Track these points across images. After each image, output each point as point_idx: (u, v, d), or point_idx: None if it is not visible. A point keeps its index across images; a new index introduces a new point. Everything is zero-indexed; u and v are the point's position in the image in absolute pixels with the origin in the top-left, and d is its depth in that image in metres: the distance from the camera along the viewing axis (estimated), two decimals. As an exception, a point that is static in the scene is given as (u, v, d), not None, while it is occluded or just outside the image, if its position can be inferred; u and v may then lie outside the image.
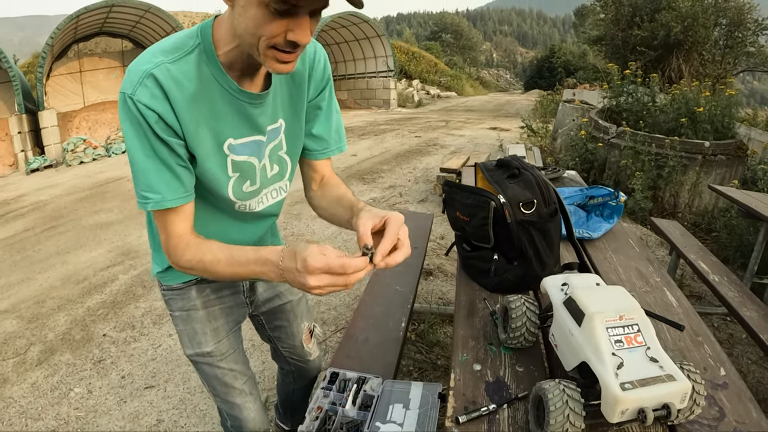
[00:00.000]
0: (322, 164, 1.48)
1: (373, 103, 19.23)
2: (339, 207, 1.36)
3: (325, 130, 1.44)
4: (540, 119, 11.35)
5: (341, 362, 1.89)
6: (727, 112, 5.94)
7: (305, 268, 1.00)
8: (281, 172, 1.42)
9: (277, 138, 1.33)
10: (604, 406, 1.03)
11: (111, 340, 3.41)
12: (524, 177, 1.68)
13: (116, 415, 2.68)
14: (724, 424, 1.22)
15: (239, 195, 1.32)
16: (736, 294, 2.66)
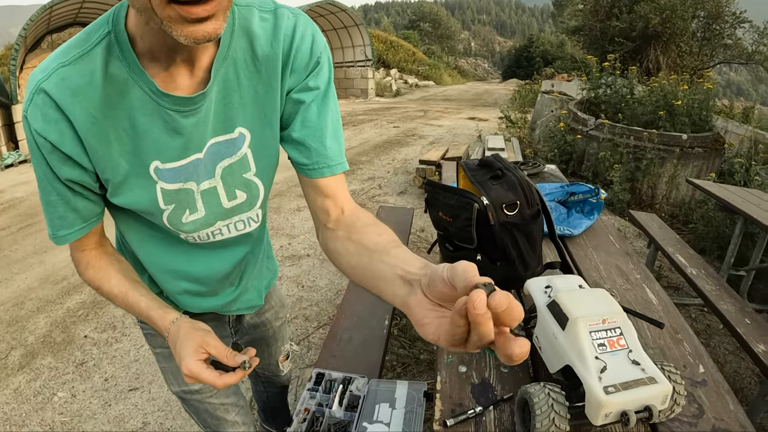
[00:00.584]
0: (331, 186, 1.02)
1: (351, 92, 19.14)
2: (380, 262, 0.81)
3: (316, 134, 1.01)
4: (518, 109, 11.40)
5: (326, 362, 1.90)
6: (705, 105, 6.02)
7: (180, 362, 0.98)
8: (249, 200, 1.09)
9: (236, 154, 1.00)
10: (588, 409, 1.05)
11: (92, 342, 3.37)
12: (507, 178, 1.69)
13: (101, 419, 2.65)
14: (704, 421, 1.25)
15: (180, 227, 1.05)
16: (713, 287, 2.71)
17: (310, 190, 1.04)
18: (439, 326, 0.61)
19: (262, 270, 1.44)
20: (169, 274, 1.22)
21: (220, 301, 1.33)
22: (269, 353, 1.77)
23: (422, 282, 0.66)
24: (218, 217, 1.08)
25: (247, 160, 1.02)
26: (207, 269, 1.21)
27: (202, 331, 1.03)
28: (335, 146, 1.03)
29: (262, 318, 1.64)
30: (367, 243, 0.88)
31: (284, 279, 4.03)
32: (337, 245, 0.97)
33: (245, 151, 1.01)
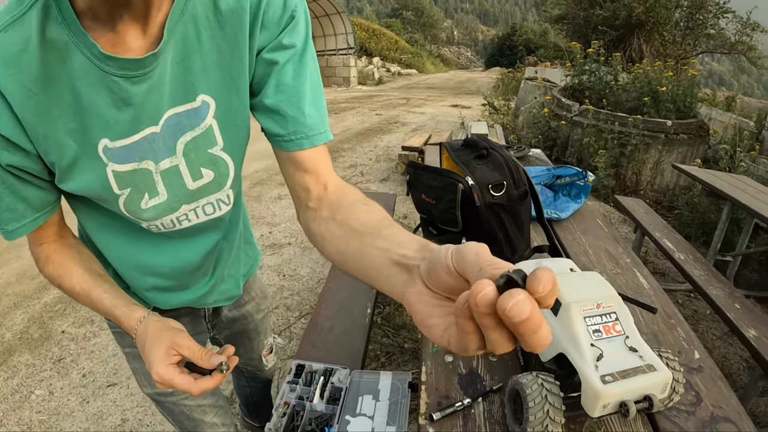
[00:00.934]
0: (311, 159, 0.89)
1: (333, 81, 19.00)
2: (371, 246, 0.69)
3: (292, 99, 0.87)
4: (501, 97, 11.36)
5: (306, 353, 1.82)
6: (689, 92, 6.04)
7: (150, 369, 0.90)
8: (218, 180, 0.96)
9: (200, 126, 0.87)
10: (585, 400, 0.98)
11: (70, 337, 3.26)
12: (493, 158, 1.61)
13: (79, 417, 2.57)
14: (702, 409, 1.20)
15: (140, 214, 0.91)
16: (702, 272, 2.68)
17: (288, 165, 0.91)
18: (448, 328, 0.49)
19: (239, 257, 1.33)
20: (134, 270, 1.11)
21: (193, 294, 1.22)
22: (251, 347, 1.68)
23: (421, 269, 0.55)
24: (183, 201, 0.94)
25: (213, 133, 0.89)
26: (175, 261, 1.10)
27: (172, 331, 0.93)
28: (315, 113, 0.89)
29: (242, 310, 1.54)
30: (354, 224, 0.76)
31: (265, 268, 3.95)
32: (320, 228, 0.83)
33: (210, 123, 0.87)
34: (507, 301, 0.37)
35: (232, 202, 1.05)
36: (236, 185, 1.03)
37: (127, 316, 0.95)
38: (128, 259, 1.08)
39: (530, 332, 0.38)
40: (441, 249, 0.52)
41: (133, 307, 0.97)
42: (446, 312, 0.51)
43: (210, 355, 0.91)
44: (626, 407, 0.95)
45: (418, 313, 0.53)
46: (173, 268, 1.11)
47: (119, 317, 0.96)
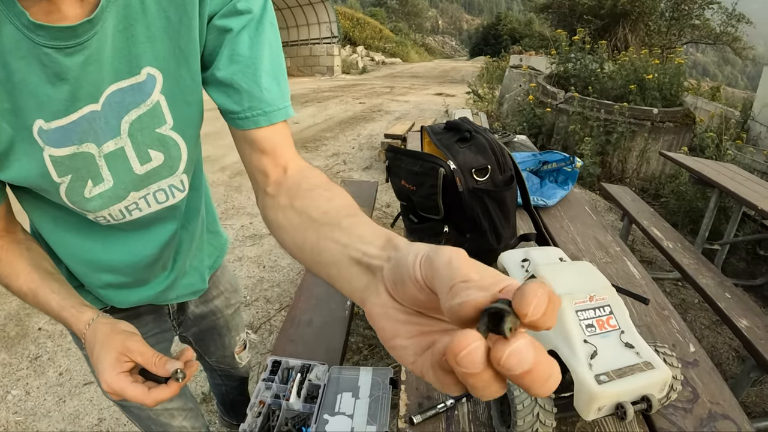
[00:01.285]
0: (269, 138, 0.80)
1: (316, 70, 18.86)
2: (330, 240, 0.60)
3: (247, 71, 0.77)
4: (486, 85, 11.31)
5: (283, 348, 1.74)
6: (675, 80, 6.02)
7: (99, 377, 0.81)
8: (169, 163, 0.86)
9: (146, 103, 0.77)
10: (578, 402, 0.89)
11: (47, 334, 3.16)
12: (476, 140, 1.52)
13: (56, 417, 2.49)
14: (699, 406, 1.13)
15: (84, 205, 0.82)
16: (691, 261, 2.62)
17: (244, 145, 0.81)
18: (421, 353, 0.39)
19: (202, 247, 1.23)
20: (86, 266, 1.00)
21: (152, 290, 1.12)
22: (223, 345, 1.58)
23: (384, 274, 0.45)
24: (131, 187, 0.84)
25: (161, 110, 0.79)
26: (129, 256, 1.00)
27: (123, 335, 0.84)
28: (274, 87, 0.79)
29: (210, 306, 1.43)
30: (314, 212, 0.66)
31: (245, 260, 3.85)
32: (278, 216, 0.74)
33: (157, 99, 0.78)
34: (501, 350, 0.29)
35: (186, 188, 0.94)
36: (191, 169, 0.93)
37: (76, 318, 0.86)
38: (78, 255, 0.98)
39: (538, 384, 0.30)
40: (409, 252, 0.42)
41: (83, 308, 0.88)
42: (418, 332, 0.41)
43: (165, 361, 0.82)
44: (623, 409, 0.86)
45: (383, 330, 0.43)
46: (127, 263, 1.01)
47: (67, 320, 0.86)
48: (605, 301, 1.01)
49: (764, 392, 2.70)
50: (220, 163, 5.89)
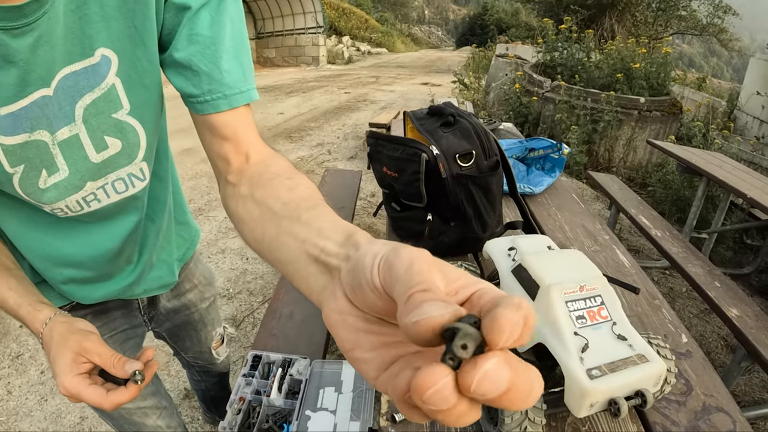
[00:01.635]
0: (230, 124, 0.75)
1: (302, 60, 18.72)
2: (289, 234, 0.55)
3: (207, 52, 0.72)
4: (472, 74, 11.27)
5: (264, 342, 1.69)
6: (663, 69, 6.01)
7: (56, 378, 0.77)
8: (127, 150, 0.81)
9: (100, 86, 0.72)
10: (569, 398, 0.85)
11: (27, 332, 3.09)
12: (461, 125, 1.46)
13: (38, 416, 2.44)
14: (693, 399, 1.09)
15: (39, 196, 0.77)
16: (680, 249, 2.60)
17: (204, 130, 0.76)
18: (384, 368, 0.35)
19: (170, 239, 1.18)
20: (46, 261, 0.94)
21: (118, 285, 1.06)
22: (199, 340, 1.53)
23: (342, 276, 0.41)
24: (87, 177, 0.79)
25: (116, 94, 0.74)
26: (91, 249, 0.94)
27: (80, 334, 0.79)
28: (236, 69, 0.74)
29: (183, 300, 1.38)
30: (274, 204, 0.61)
31: (228, 252, 3.79)
32: (238, 207, 0.69)
33: (112, 81, 0.72)
34: (470, 376, 0.25)
35: (147, 177, 0.88)
36: (151, 157, 0.87)
37: (32, 317, 0.82)
38: (38, 249, 0.92)
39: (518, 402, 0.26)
40: (367, 253, 0.37)
41: (40, 306, 0.83)
42: (380, 343, 0.36)
43: (123, 362, 0.78)
44: (617, 405, 0.82)
45: (342, 341, 0.38)
46: (89, 256, 0.95)
47: (24, 318, 0.82)
48: (596, 291, 0.96)
49: (753, 381, 2.69)
50: (203, 155, 5.73)
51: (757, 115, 6.38)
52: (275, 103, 9.50)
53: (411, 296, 0.30)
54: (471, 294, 0.31)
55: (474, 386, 0.25)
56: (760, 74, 6.46)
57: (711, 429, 1.02)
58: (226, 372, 1.82)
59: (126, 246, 0.98)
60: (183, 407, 2.41)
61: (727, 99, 6.89)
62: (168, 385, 2.51)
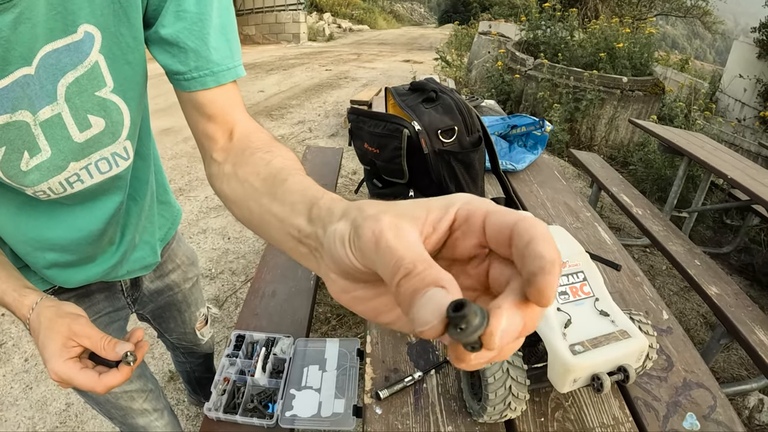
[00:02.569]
0: (217, 101, 0.73)
1: (282, 37, 18.47)
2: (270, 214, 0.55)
3: (194, 28, 0.70)
4: (455, 51, 11.21)
5: (247, 322, 1.69)
6: (646, 49, 6.03)
7: (46, 364, 0.75)
8: (111, 129, 0.78)
9: (83, 64, 0.69)
10: (552, 374, 0.85)
11: (10, 320, 3.03)
12: (443, 101, 1.45)
13: (23, 405, 2.40)
14: (674, 374, 1.10)
15: (22, 179, 0.74)
16: (661, 227, 2.62)
17: (190, 109, 0.74)
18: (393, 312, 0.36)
19: (152, 220, 1.15)
20: (28, 245, 0.92)
21: (100, 267, 1.04)
22: (182, 321, 1.51)
23: (326, 262, 0.40)
24: (71, 157, 0.76)
25: (100, 72, 0.71)
26: (73, 232, 0.92)
27: (68, 318, 0.78)
28: (223, 45, 0.73)
29: (166, 281, 1.35)
30: (255, 181, 0.61)
31: (209, 232, 3.75)
32: (223, 187, 0.68)
33: (95, 59, 0.69)
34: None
35: (131, 156, 0.86)
36: (135, 135, 0.85)
37: (18, 302, 0.80)
38: (19, 234, 0.90)
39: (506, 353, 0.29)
40: (335, 239, 0.37)
41: (25, 291, 0.82)
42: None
43: (114, 344, 0.77)
44: (599, 381, 0.82)
45: (364, 314, 0.38)
46: (72, 239, 0.93)
47: (9, 304, 0.81)
48: (578, 267, 0.96)
49: (732, 358, 2.73)
50: (183, 134, 5.72)
51: (738, 98, 6.46)
52: (255, 81, 9.37)
53: (398, 285, 0.29)
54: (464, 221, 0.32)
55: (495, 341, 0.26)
56: (743, 57, 6.53)
57: (692, 404, 1.03)
58: (210, 353, 1.81)
59: (109, 227, 0.96)
60: (168, 389, 2.40)
61: (710, 81, 6.95)
62: (152, 367, 2.49)
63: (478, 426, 0.95)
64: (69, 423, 2.28)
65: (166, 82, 0.74)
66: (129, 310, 1.29)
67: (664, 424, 0.99)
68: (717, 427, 0.99)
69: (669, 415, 1.01)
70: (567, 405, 1.00)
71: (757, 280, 3.47)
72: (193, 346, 1.66)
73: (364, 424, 0.96)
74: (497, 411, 0.87)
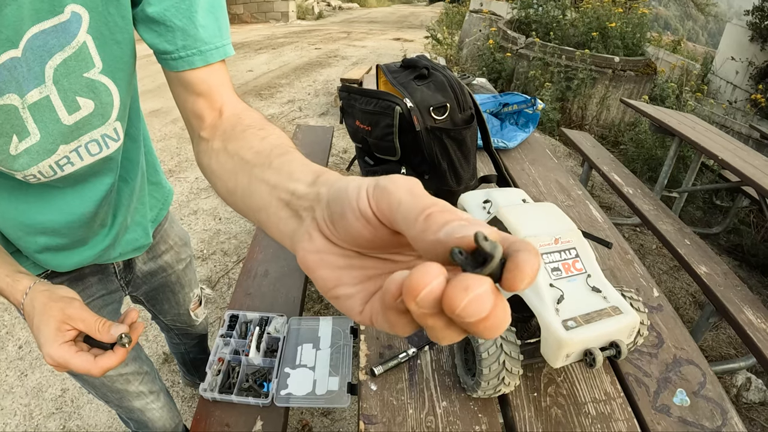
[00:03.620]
0: (205, 80, 0.72)
1: (271, 16, 18.28)
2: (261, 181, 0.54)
3: (181, 6, 0.69)
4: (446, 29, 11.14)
5: (240, 301, 1.69)
6: (638, 29, 6.01)
7: (41, 349, 0.75)
8: (100, 111, 0.77)
9: (71, 45, 0.68)
10: (545, 349, 0.85)
11: (3, 307, 3.01)
12: (435, 78, 1.44)
13: (19, 392, 2.40)
14: (664, 351, 1.12)
15: (11, 163, 0.73)
16: (651, 207, 2.64)
17: (179, 88, 0.73)
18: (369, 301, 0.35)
19: (144, 201, 1.14)
20: (19, 230, 0.91)
21: (93, 250, 1.03)
22: (176, 302, 1.51)
23: (317, 215, 0.40)
24: (60, 140, 0.75)
25: (88, 52, 0.70)
26: (65, 215, 0.91)
27: (62, 302, 0.77)
28: (211, 24, 0.71)
29: (159, 262, 1.34)
30: (246, 154, 0.60)
31: (200, 213, 3.73)
32: (211, 162, 0.67)
33: (83, 39, 0.68)
34: (459, 298, 0.25)
35: (121, 137, 0.85)
36: (125, 116, 0.84)
37: (11, 287, 0.79)
38: (10, 218, 0.89)
39: (490, 330, 0.26)
40: (348, 184, 0.36)
41: (18, 276, 0.81)
42: (363, 276, 0.36)
43: (109, 326, 0.76)
44: (592, 356, 0.83)
45: (323, 280, 0.37)
46: (64, 222, 0.92)
47: (3, 290, 0.80)
48: (571, 243, 0.97)
49: (720, 337, 2.76)
50: (172, 115, 5.66)
51: (730, 80, 6.47)
52: (244, 60, 9.27)
53: (430, 215, 0.29)
54: None
55: (461, 307, 0.25)
56: (735, 40, 6.53)
57: (682, 380, 1.04)
58: (205, 334, 1.81)
59: (100, 209, 0.95)
60: (163, 371, 2.40)
61: (702, 62, 6.94)
62: (146, 350, 2.49)
63: (472, 401, 0.96)
64: (65, 408, 2.28)
65: (154, 62, 0.73)
66: (123, 293, 1.28)
67: (654, 399, 1.00)
68: (707, 403, 1.00)
69: (660, 390, 1.02)
70: (559, 380, 1.01)
71: (746, 260, 3.50)
72: (187, 327, 1.65)
73: (360, 400, 0.96)
74: (491, 386, 0.88)
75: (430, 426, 0.91)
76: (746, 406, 2.33)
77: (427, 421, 0.92)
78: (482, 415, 0.93)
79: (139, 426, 1.43)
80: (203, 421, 1.31)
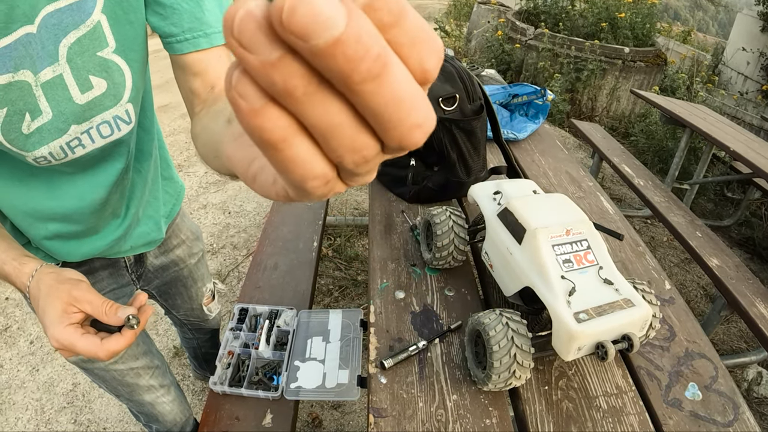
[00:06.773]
0: (203, 61, 0.75)
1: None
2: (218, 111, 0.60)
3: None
4: (453, 21, 11.07)
5: (250, 295, 1.69)
6: (648, 20, 5.93)
7: (46, 331, 0.74)
8: (112, 90, 0.77)
9: (85, 23, 0.68)
10: (556, 342, 0.85)
11: (15, 303, 3.03)
12: (444, 68, 1.43)
13: (31, 387, 2.41)
14: (676, 344, 1.10)
15: (23, 143, 0.72)
16: (662, 199, 2.61)
17: (179, 69, 0.75)
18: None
19: (156, 194, 1.15)
20: (30, 217, 0.91)
21: (104, 240, 1.04)
22: (189, 297, 1.51)
23: None
24: (72, 120, 0.75)
25: (102, 31, 0.71)
26: (76, 200, 0.91)
27: (69, 283, 0.77)
28: (216, 8, 0.74)
29: (171, 256, 1.35)
30: (225, 107, 0.56)
31: (210, 207, 3.74)
32: (196, 128, 0.66)
33: (98, 18, 0.69)
34: None
35: (133, 120, 0.85)
36: (138, 99, 0.84)
37: (18, 270, 0.79)
38: (20, 205, 0.89)
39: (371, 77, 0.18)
40: None
41: (24, 259, 0.80)
42: None
43: (116, 308, 0.76)
44: (604, 349, 0.82)
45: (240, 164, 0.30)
46: (75, 208, 0.92)
47: (9, 274, 0.79)
48: (582, 235, 0.96)
49: (731, 330, 2.74)
50: (181, 110, 5.66)
51: (741, 71, 6.40)
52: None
53: None
54: None
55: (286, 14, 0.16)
56: (746, 30, 6.44)
57: (694, 374, 1.03)
58: (217, 328, 1.81)
59: (112, 196, 0.96)
60: (173, 365, 2.40)
61: (712, 53, 6.86)
62: (157, 344, 2.50)
63: (482, 394, 0.95)
64: (76, 403, 2.30)
65: (163, 58, 0.74)
66: (134, 287, 1.28)
67: (666, 393, 0.99)
68: (719, 397, 0.99)
69: (671, 384, 1.01)
70: (570, 374, 1.00)
71: (758, 253, 3.47)
72: (200, 322, 1.66)
73: (369, 393, 0.96)
74: (502, 379, 0.87)
75: (440, 419, 0.91)
76: (757, 401, 2.31)
77: (437, 415, 0.91)
78: (493, 408, 0.93)
79: (150, 419, 1.43)
80: (213, 415, 1.31)
